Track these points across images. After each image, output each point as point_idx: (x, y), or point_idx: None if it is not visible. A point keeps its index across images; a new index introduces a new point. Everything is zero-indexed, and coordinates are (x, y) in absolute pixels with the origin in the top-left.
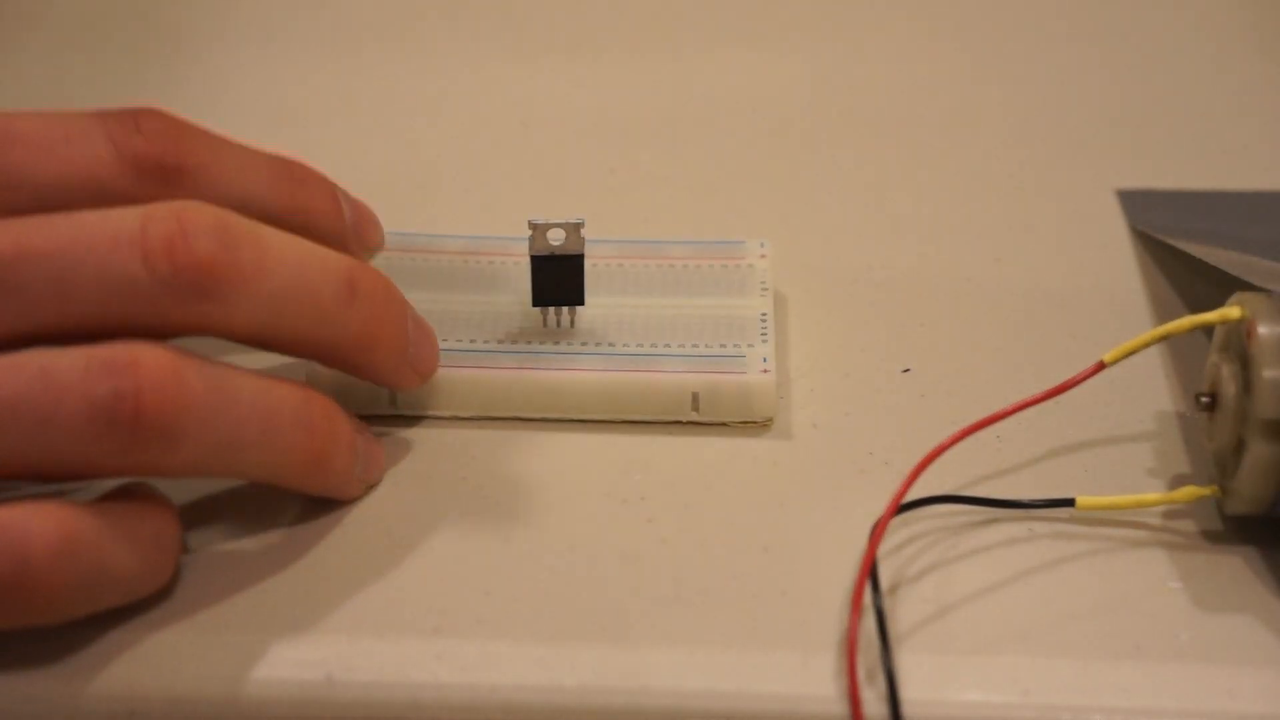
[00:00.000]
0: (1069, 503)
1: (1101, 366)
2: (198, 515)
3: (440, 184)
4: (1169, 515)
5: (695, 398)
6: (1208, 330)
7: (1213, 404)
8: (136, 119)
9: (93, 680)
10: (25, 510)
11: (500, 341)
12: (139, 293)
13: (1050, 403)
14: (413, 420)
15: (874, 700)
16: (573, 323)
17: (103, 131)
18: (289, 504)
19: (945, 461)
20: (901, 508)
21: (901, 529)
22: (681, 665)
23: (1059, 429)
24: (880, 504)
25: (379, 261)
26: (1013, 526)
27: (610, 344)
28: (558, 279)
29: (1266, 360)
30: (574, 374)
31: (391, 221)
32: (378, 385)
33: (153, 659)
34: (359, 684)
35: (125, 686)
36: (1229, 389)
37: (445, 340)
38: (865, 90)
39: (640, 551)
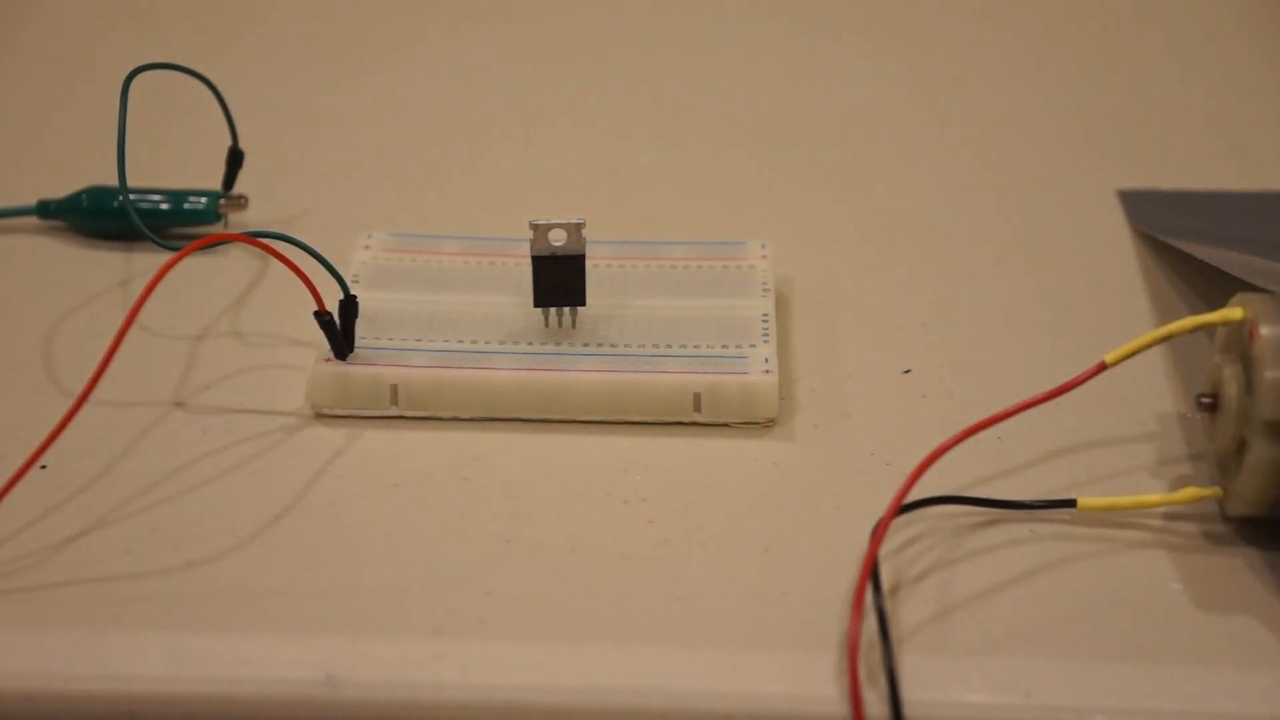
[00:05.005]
0: (1070, 503)
1: (1103, 367)
2: (197, 514)
3: (440, 184)
4: (1170, 516)
5: (697, 398)
6: (1209, 331)
7: (1214, 405)
8: None
9: (92, 680)
10: None
11: (502, 342)
12: None
13: (1051, 403)
14: (414, 421)
15: (875, 701)
16: (574, 323)
17: None
18: (289, 504)
19: (947, 462)
20: (903, 508)
21: (903, 530)
22: (681, 665)
23: (1060, 430)
24: (881, 504)
25: (380, 263)
26: (1014, 527)
27: (612, 345)
28: (559, 279)
29: (1268, 361)
30: (576, 375)
31: (391, 221)
32: None
33: (153, 659)
34: (359, 684)
35: (125, 686)
36: (1230, 390)
37: (446, 341)
38: (865, 90)
39: (641, 552)
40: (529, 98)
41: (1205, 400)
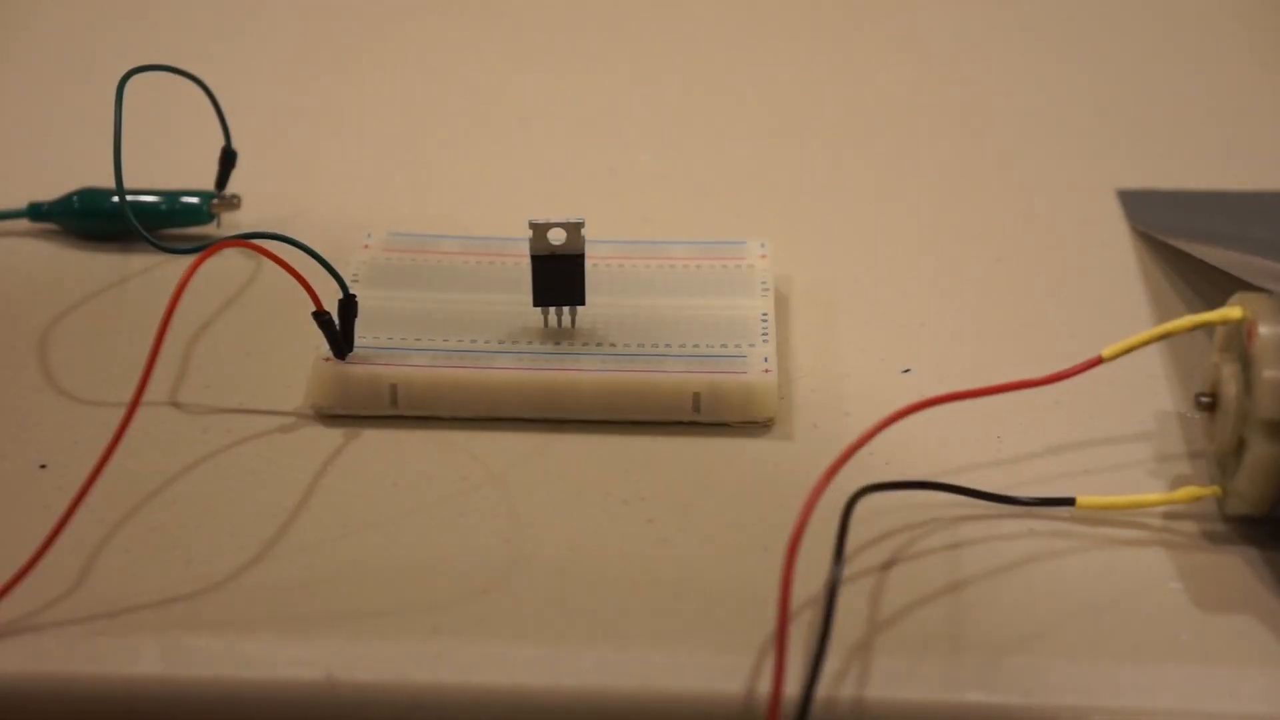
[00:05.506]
0: (1069, 502)
1: (1099, 361)
2: (197, 514)
3: (440, 184)
4: (1169, 515)
5: (696, 398)
6: (1208, 330)
7: (1213, 404)
8: None
9: (92, 680)
10: None
11: (501, 342)
12: None
13: (1051, 402)
14: (413, 421)
15: (879, 701)
16: (574, 323)
17: None
18: (289, 503)
19: (944, 459)
20: (902, 485)
21: (901, 528)
22: (681, 665)
23: (1059, 428)
24: (881, 504)
25: (379, 263)
26: (1013, 525)
27: (611, 344)
28: (558, 279)
29: (1267, 360)
30: (575, 374)
31: (391, 221)
32: None
33: (152, 659)
34: (359, 684)
35: (124, 685)
36: (1230, 389)
37: (446, 340)
38: (865, 90)
39: (641, 552)
40: (529, 98)
41: (1204, 399)
